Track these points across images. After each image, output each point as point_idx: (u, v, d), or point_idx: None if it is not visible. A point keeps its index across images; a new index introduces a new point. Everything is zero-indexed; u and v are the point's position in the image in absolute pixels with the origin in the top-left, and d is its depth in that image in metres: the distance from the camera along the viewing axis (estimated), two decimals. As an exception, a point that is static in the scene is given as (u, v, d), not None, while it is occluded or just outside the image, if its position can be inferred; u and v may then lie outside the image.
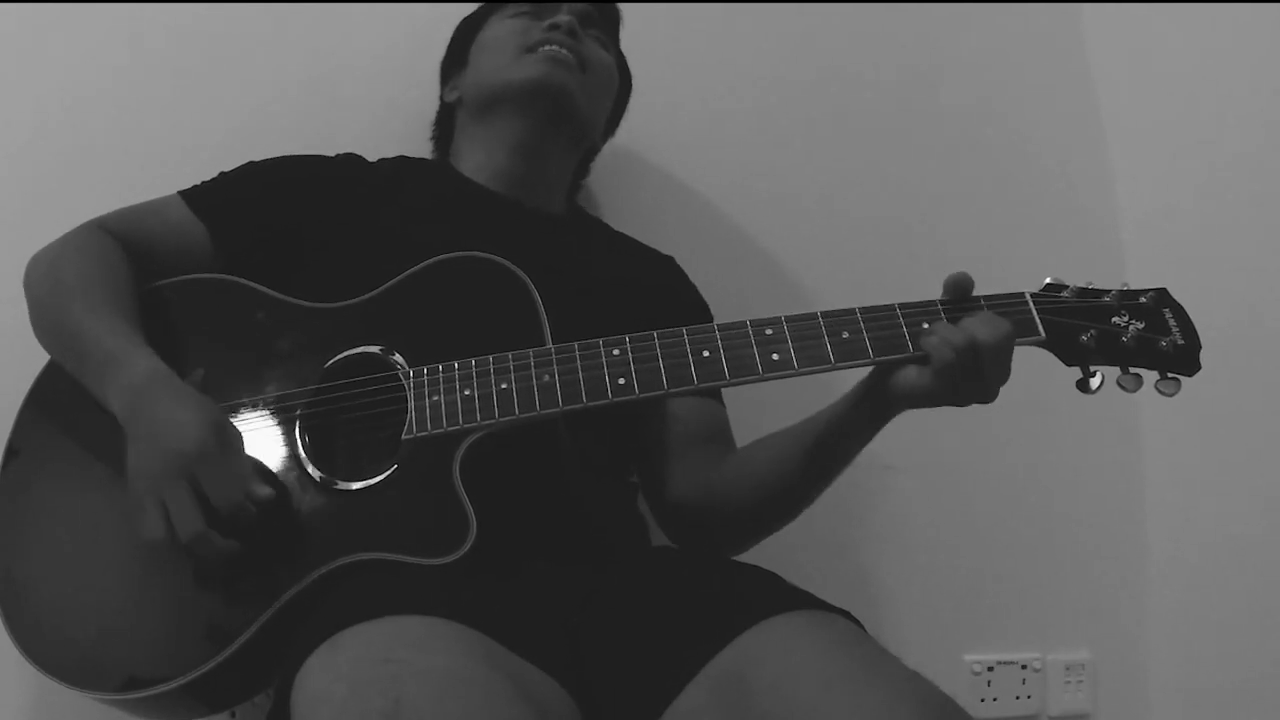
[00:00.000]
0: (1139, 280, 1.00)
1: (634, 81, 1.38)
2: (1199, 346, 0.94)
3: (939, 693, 0.77)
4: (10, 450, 1.05)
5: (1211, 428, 1.53)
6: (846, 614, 0.88)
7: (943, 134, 1.68)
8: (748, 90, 1.60)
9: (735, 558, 1.10)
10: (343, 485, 0.95)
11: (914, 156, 1.66)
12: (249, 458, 0.95)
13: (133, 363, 0.96)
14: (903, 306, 0.95)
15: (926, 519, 1.55)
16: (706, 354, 0.94)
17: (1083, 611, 1.60)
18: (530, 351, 0.95)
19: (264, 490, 0.92)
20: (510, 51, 1.21)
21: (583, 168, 1.36)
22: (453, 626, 0.77)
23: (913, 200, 1.64)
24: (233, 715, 1.20)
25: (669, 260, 1.31)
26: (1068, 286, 0.97)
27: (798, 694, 0.76)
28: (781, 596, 0.87)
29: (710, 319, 1.26)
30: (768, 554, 1.13)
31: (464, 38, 1.30)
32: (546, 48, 1.19)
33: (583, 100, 1.22)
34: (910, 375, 0.93)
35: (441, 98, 1.33)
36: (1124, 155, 1.74)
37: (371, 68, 1.43)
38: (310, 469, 0.96)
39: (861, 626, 0.89)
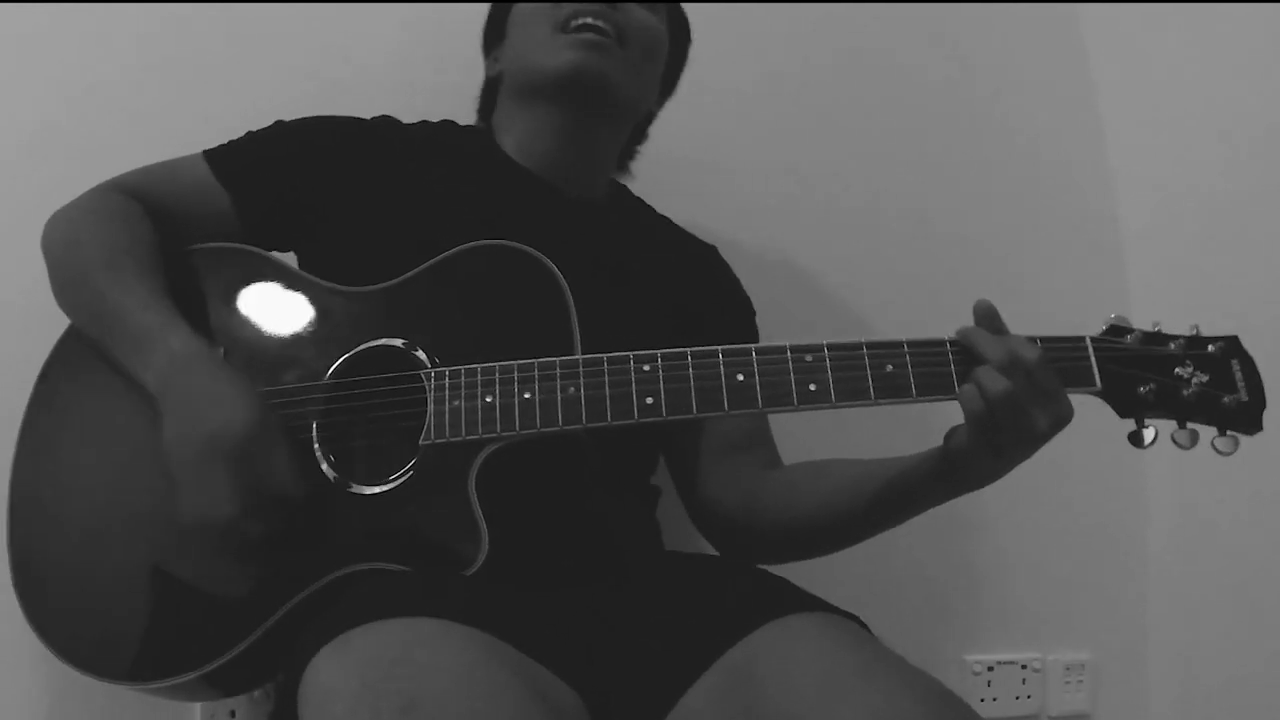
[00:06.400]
0: (1138, 279, 0.99)
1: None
2: (1263, 404, 0.88)
3: (943, 688, 0.78)
4: (27, 425, 1.03)
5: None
6: (854, 617, 0.89)
7: (940, 134, 1.68)
8: (745, 90, 1.59)
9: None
10: (357, 489, 0.94)
11: (911, 157, 1.65)
12: None
13: (169, 340, 0.95)
14: (954, 344, 0.91)
15: (926, 519, 1.54)
16: (741, 378, 0.90)
17: (1083, 611, 1.61)
18: (557, 361, 0.92)
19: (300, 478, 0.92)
20: (544, 28, 1.13)
21: (638, 133, 1.29)
22: (464, 629, 0.77)
23: (910, 200, 1.63)
24: (233, 715, 1.21)
25: (711, 250, 1.26)
26: (1133, 330, 0.91)
27: (803, 691, 0.77)
28: (790, 599, 0.88)
29: (751, 314, 1.24)
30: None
31: (502, 8, 1.24)
32: (578, 27, 1.11)
33: (623, 80, 1.14)
34: (961, 431, 0.91)
35: (485, 70, 1.27)
36: (1123, 156, 1.74)
37: (383, 66, 1.41)
38: (324, 468, 0.95)
39: (869, 631, 0.89)
